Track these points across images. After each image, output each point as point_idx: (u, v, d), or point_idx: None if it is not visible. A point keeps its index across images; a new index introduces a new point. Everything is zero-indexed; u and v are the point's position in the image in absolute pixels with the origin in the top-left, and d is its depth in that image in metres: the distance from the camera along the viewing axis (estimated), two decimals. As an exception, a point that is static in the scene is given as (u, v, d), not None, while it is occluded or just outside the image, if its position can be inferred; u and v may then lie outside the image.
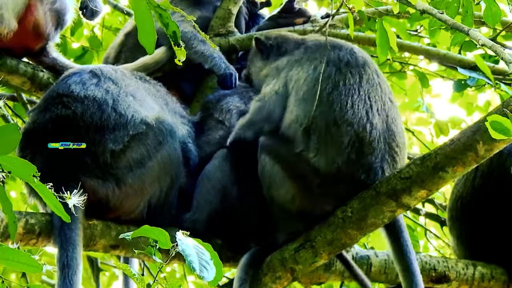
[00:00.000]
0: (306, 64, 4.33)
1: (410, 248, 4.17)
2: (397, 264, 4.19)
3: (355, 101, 4.17)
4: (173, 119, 4.52)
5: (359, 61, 4.31)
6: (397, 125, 4.28)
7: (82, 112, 4.20)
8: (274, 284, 4.27)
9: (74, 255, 3.89)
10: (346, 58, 4.29)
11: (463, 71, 5.42)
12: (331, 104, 4.15)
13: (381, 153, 4.17)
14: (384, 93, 4.29)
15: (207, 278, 2.49)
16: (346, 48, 4.37)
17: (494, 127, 2.86)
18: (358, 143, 4.13)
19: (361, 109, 4.17)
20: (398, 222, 4.20)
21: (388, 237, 4.22)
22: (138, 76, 4.66)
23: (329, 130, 4.14)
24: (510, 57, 3.25)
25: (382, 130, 4.20)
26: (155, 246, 2.59)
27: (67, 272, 3.80)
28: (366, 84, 4.24)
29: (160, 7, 2.63)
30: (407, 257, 4.15)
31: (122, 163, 4.19)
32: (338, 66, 4.24)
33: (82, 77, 4.36)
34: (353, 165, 4.12)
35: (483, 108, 7.38)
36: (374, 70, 4.34)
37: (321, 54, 4.31)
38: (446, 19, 3.59)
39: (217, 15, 5.28)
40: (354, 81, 4.22)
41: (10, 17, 4.72)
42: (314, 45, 4.45)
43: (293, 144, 4.19)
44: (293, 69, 4.37)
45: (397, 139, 4.25)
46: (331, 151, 4.12)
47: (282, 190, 4.21)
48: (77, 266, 3.86)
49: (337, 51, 4.33)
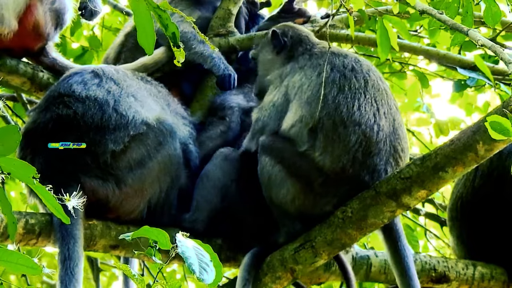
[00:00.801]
0: (309, 71, 4.36)
1: (407, 252, 4.19)
2: (394, 269, 4.20)
3: (362, 103, 4.20)
4: (174, 119, 4.52)
5: (363, 68, 4.36)
6: (402, 130, 4.32)
7: (83, 112, 4.20)
8: (274, 284, 4.27)
9: (75, 248, 3.90)
10: (351, 65, 4.33)
11: (462, 71, 5.41)
12: (337, 106, 4.18)
13: (386, 155, 4.19)
14: (390, 98, 4.35)
15: (206, 280, 2.49)
16: (351, 56, 4.42)
17: (494, 128, 2.86)
18: (365, 143, 4.15)
19: (368, 111, 4.20)
20: (396, 226, 4.21)
21: (386, 241, 4.23)
22: (140, 76, 4.66)
23: (336, 129, 4.15)
24: (509, 58, 3.25)
25: (389, 133, 4.23)
26: (155, 247, 2.59)
27: (69, 264, 3.81)
28: (372, 89, 4.28)
29: (159, 8, 2.63)
30: (404, 261, 4.16)
31: (122, 164, 4.19)
32: (343, 72, 4.29)
33: (84, 77, 4.36)
34: (358, 165, 4.13)
35: (482, 108, 7.37)
36: (379, 77, 4.40)
37: (325, 60, 4.34)
38: (445, 20, 3.59)
39: (217, 15, 5.28)
40: (359, 85, 4.26)
41: (10, 17, 4.72)
42: (319, 52, 4.47)
43: (296, 143, 4.20)
44: (296, 75, 4.38)
45: (402, 143, 4.28)
46: (337, 149, 4.13)
47: (282, 190, 4.21)
48: (79, 258, 3.87)
49: (342, 58, 4.37)
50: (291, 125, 4.24)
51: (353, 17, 4.34)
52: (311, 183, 4.16)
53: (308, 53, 4.51)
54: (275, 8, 5.79)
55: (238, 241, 4.42)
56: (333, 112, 4.17)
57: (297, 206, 4.21)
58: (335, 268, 4.50)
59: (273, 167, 4.22)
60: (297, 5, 5.46)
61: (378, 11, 5.07)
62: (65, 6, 5.01)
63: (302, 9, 5.48)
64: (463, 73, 5.42)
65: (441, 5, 3.94)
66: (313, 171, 4.15)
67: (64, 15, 5.01)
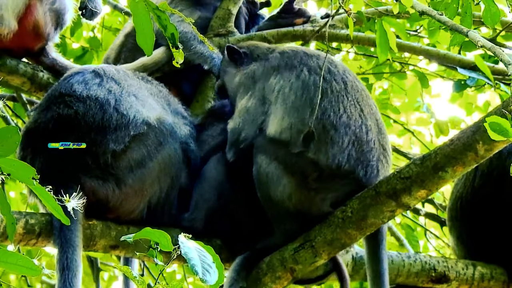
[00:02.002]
0: (286, 73, 4.37)
1: (385, 256, 4.25)
2: (368, 269, 4.25)
3: (346, 106, 4.24)
4: (175, 119, 4.52)
5: (339, 69, 4.38)
6: (384, 129, 4.40)
7: (84, 112, 4.19)
8: (274, 284, 4.27)
9: (74, 257, 3.89)
10: (327, 66, 4.34)
11: (462, 71, 5.42)
12: (324, 111, 4.20)
13: (377, 153, 4.23)
14: (369, 98, 4.41)
15: (209, 281, 2.51)
16: (323, 57, 4.40)
17: (493, 128, 2.86)
18: (357, 142, 4.18)
19: (353, 112, 4.24)
20: (381, 229, 4.24)
21: (367, 241, 4.27)
22: (141, 76, 4.66)
23: (328, 132, 4.18)
24: (509, 59, 3.25)
25: (376, 132, 4.29)
26: (157, 248, 2.59)
27: (67, 275, 3.80)
28: (352, 90, 4.32)
29: (158, 9, 2.63)
30: (381, 265, 4.21)
31: (123, 164, 4.19)
32: (321, 74, 4.27)
33: (85, 77, 4.36)
34: (353, 161, 4.16)
35: (482, 108, 7.38)
36: (355, 77, 4.44)
37: (300, 61, 4.36)
38: (445, 20, 3.59)
39: (217, 15, 5.28)
40: (340, 87, 4.29)
41: (10, 18, 4.72)
42: (290, 51, 4.48)
43: (289, 146, 4.21)
44: (271, 78, 4.39)
45: (387, 141, 4.36)
46: (332, 150, 4.16)
47: (279, 187, 4.21)
48: (77, 268, 3.86)
49: (315, 59, 4.39)
50: (280, 132, 4.24)
51: (352, 18, 4.34)
52: (306, 178, 4.17)
53: (277, 51, 4.52)
54: (275, 8, 5.79)
55: (235, 241, 4.42)
56: (322, 116, 4.19)
57: (294, 203, 4.21)
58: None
59: (269, 164, 4.23)
60: (297, 5, 5.46)
61: (378, 11, 5.07)
62: (65, 6, 5.01)
63: (302, 9, 5.49)
64: (463, 73, 5.43)
65: (441, 6, 3.94)
66: (308, 167, 4.16)
67: (64, 15, 5.01)
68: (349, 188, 4.17)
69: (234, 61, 4.69)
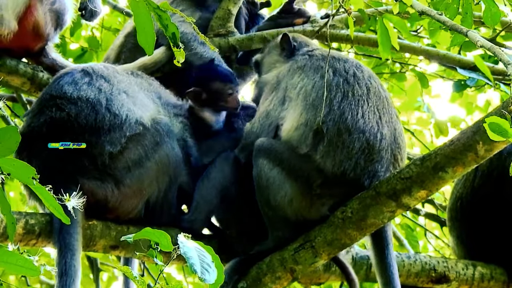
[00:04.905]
0: (310, 72, 4.37)
1: (393, 262, 4.23)
2: (379, 277, 4.24)
3: (365, 111, 4.23)
4: (167, 113, 4.49)
5: (365, 74, 4.38)
6: (402, 139, 4.36)
7: (76, 114, 4.18)
8: (274, 284, 4.27)
9: (72, 262, 3.88)
10: (352, 70, 4.35)
11: (462, 72, 5.42)
12: (342, 113, 4.19)
13: (387, 163, 4.21)
14: (390, 107, 4.38)
15: (208, 280, 2.50)
16: (352, 61, 4.44)
17: (493, 129, 2.86)
18: (368, 150, 4.17)
19: (371, 119, 4.22)
20: (385, 234, 4.25)
21: (373, 248, 4.27)
22: (130, 71, 4.64)
23: (341, 136, 4.16)
24: (508, 59, 3.25)
25: (390, 141, 4.26)
26: (157, 248, 2.59)
27: (65, 281, 3.80)
28: (374, 96, 4.31)
29: (159, 8, 2.63)
30: (389, 271, 4.20)
31: (120, 164, 4.18)
32: (345, 77, 4.30)
33: (74, 77, 4.34)
34: (359, 170, 4.15)
35: (483, 108, 7.39)
36: (380, 84, 4.43)
37: (327, 62, 4.35)
38: (445, 21, 3.59)
39: (217, 16, 5.28)
40: (362, 92, 4.28)
41: (10, 18, 4.72)
42: (319, 54, 4.49)
43: (296, 146, 4.20)
44: (295, 77, 4.39)
45: (402, 153, 4.32)
46: (340, 155, 4.14)
47: (281, 192, 4.20)
48: (76, 273, 3.85)
49: (343, 62, 4.39)
50: (295, 127, 4.24)
51: (352, 17, 4.33)
52: (311, 184, 4.16)
53: (309, 54, 4.52)
54: (275, 8, 5.79)
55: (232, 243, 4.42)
56: (338, 119, 4.18)
57: (293, 209, 4.20)
58: (335, 268, 4.50)
59: (271, 169, 4.22)
60: (297, 5, 5.46)
61: (378, 11, 5.07)
62: (65, 7, 5.01)
63: (302, 9, 5.49)
64: (463, 73, 5.43)
65: (441, 6, 3.94)
66: (313, 173, 4.16)
67: (64, 15, 5.01)
68: (351, 194, 4.16)
69: (282, 49, 4.71)
